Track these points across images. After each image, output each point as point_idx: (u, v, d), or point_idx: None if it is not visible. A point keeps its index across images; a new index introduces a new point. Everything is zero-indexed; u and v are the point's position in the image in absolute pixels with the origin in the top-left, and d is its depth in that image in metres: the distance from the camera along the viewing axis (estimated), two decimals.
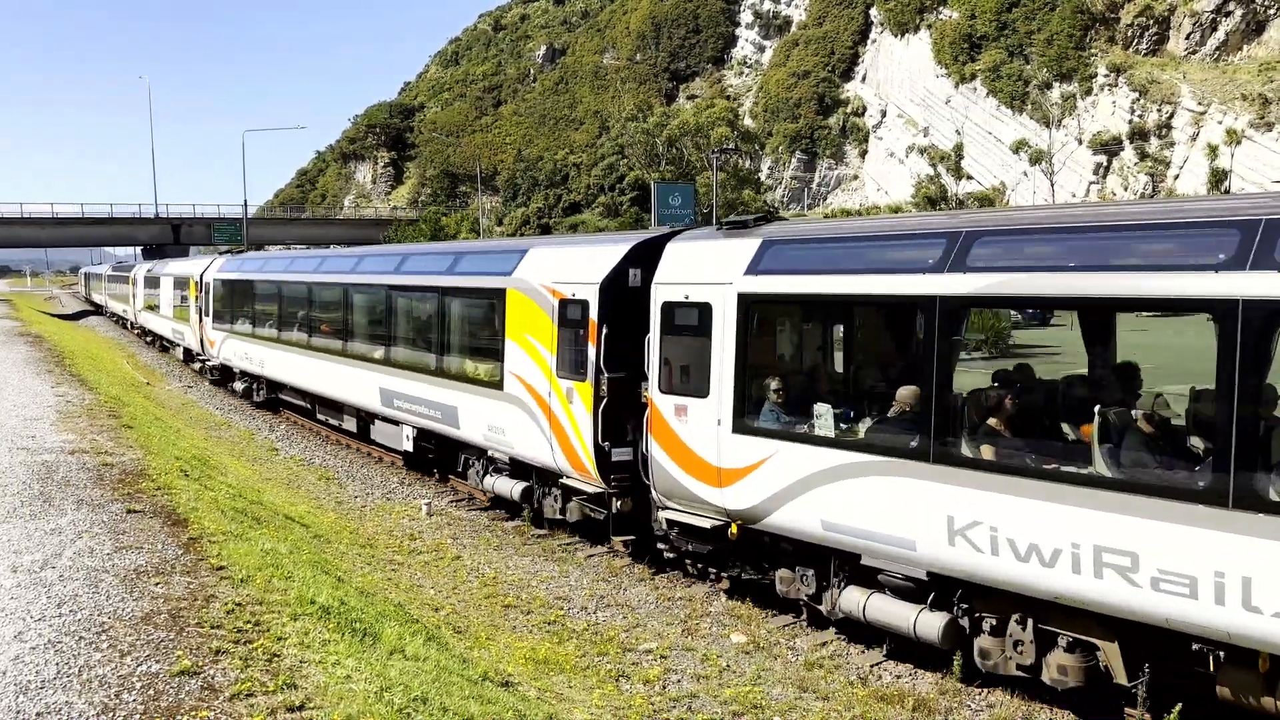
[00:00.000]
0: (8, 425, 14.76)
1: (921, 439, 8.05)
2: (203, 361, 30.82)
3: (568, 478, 12.41)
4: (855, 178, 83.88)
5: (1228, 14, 61.05)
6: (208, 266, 29.69)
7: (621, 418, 11.55)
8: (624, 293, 11.55)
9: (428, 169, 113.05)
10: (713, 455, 9.96)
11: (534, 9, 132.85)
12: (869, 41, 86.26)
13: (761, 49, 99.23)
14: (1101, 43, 66.15)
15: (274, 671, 5.97)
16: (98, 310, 76.44)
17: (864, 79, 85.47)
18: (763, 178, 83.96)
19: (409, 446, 16.66)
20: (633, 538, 12.18)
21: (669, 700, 8.30)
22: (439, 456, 16.51)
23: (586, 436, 11.64)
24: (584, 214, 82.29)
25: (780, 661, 9.27)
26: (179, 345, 35.44)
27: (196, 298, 30.47)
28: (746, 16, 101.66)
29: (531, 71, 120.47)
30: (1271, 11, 59.48)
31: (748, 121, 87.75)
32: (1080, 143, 64.11)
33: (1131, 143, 62.03)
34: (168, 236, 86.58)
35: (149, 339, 43.87)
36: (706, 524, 10.22)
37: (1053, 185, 62.99)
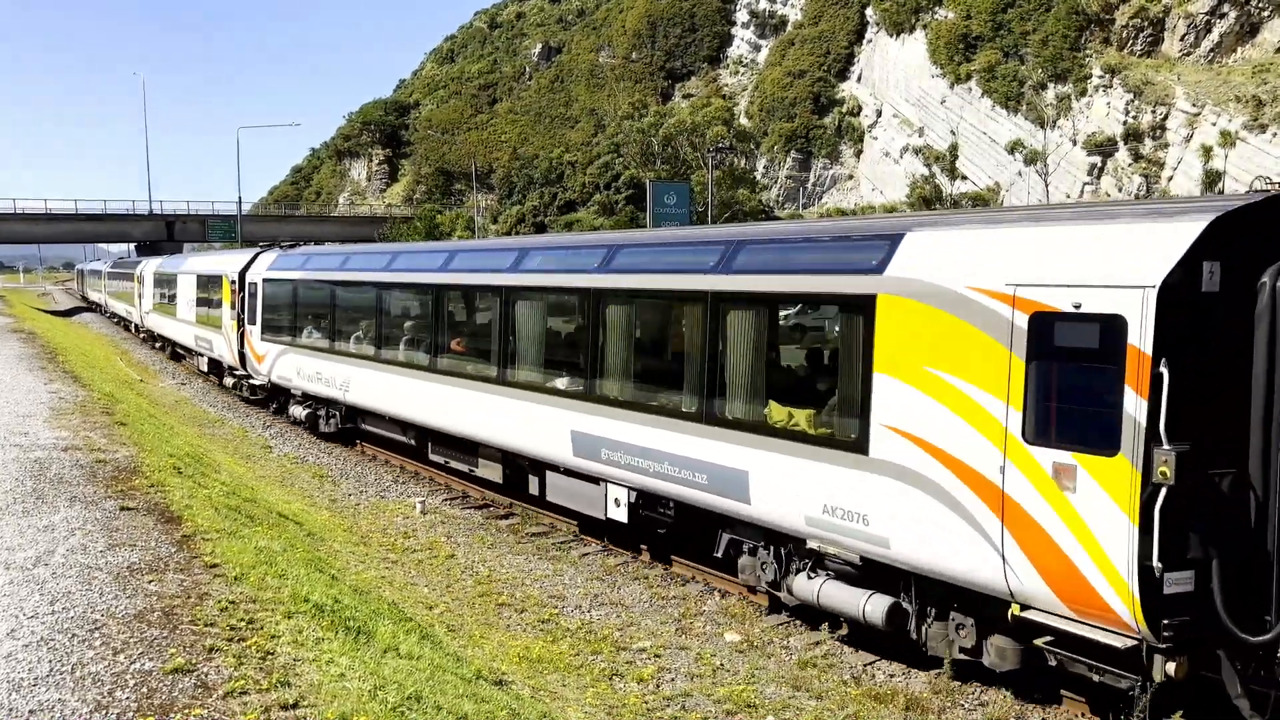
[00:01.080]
0: (0, 422, 14.72)
1: None
2: (239, 378, 25.90)
3: (1032, 608, 7.58)
4: (850, 177, 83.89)
5: (1222, 16, 61.17)
6: (250, 263, 24.61)
7: (1183, 522, 6.79)
8: (1195, 303, 6.83)
9: (423, 166, 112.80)
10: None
11: (530, 7, 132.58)
12: (864, 41, 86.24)
13: (757, 48, 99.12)
14: (1096, 44, 66.22)
15: (268, 669, 5.96)
16: (96, 310, 72.66)
17: (859, 79, 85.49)
18: (758, 177, 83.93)
19: (622, 515, 11.91)
20: None
21: (663, 699, 8.31)
22: (677, 532, 11.79)
23: (1117, 552, 6.84)
24: (579, 212, 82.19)
25: (774, 660, 9.28)
26: (203, 355, 29.91)
27: (233, 301, 25.13)
28: (742, 16, 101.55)
29: (527, 69, 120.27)
30: (1266, 14, 59.62)
31: (743, 121, 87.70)
32: (1075, 143, 64.17)
33: (1126, 144, 62.11)
34: (161, 233, 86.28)
35: (158, 344, 39.92)
36: None
37: (1047, 186, 63.08)
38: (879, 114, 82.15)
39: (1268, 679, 6.72)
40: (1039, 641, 7.67)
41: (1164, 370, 6.63)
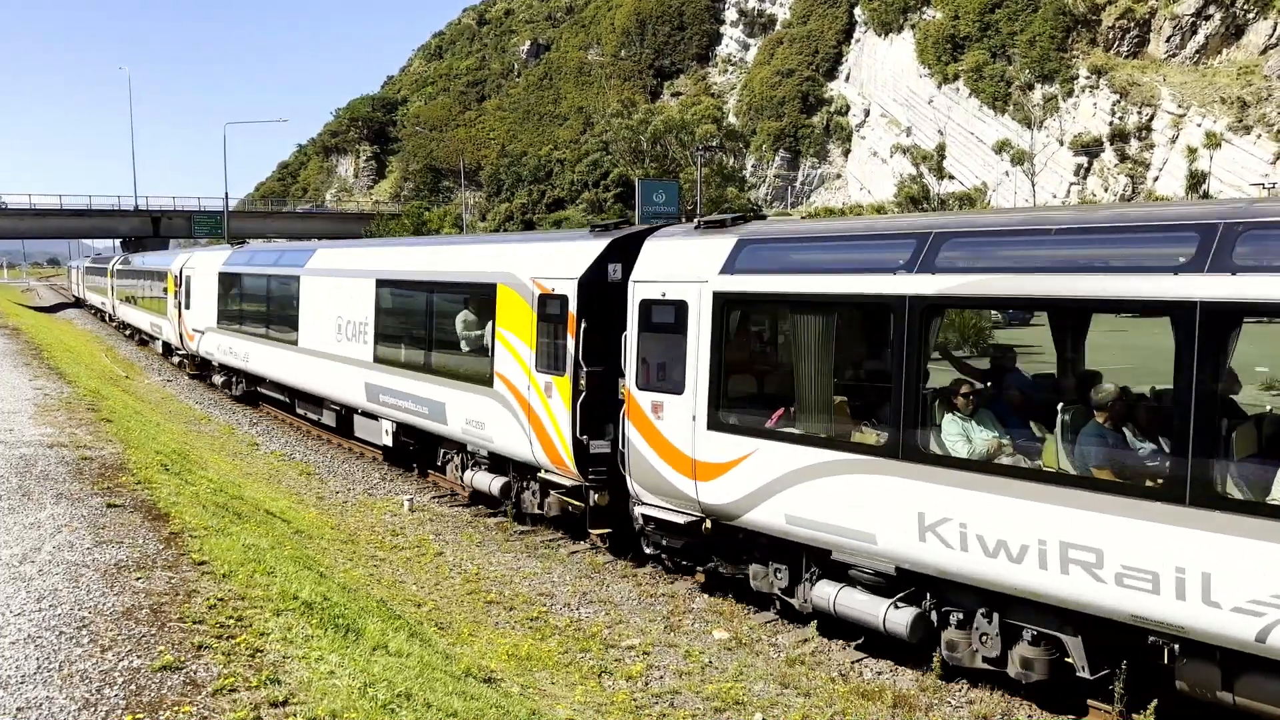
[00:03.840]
0: None
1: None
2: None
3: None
4: (838, 177, 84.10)
5: (1207, 18, 61.56)
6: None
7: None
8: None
9: (411, 163, 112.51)
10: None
11: (518, 4, 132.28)
12: (853, 41, 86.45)
13: (746, 47, 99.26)
14: (1083, 45, 66.55)
15: (257, 667, 5.95)
16: (99, 315, 59.44)
17: (848, 78, 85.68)
18: (747, 175, 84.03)
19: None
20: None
21: (651, 696, 8.33)
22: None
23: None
24: (568, 210, 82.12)
25: (762, 658, 9.31)
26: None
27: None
28: (731, 14, 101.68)
29: (515, 66, 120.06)
30: (1250, 16, 60.01)
31: (732, 119, 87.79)
32: (1061, 144, 64.49)
33: (1112, 144, 62.46)
34: (147, 229, 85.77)
35: (236, 383, 25.81)
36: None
37: (1034, 186, 63.38)
38: (867, 113, 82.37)
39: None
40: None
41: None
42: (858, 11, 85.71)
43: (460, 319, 14.61)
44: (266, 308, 22.50)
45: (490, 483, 14.12)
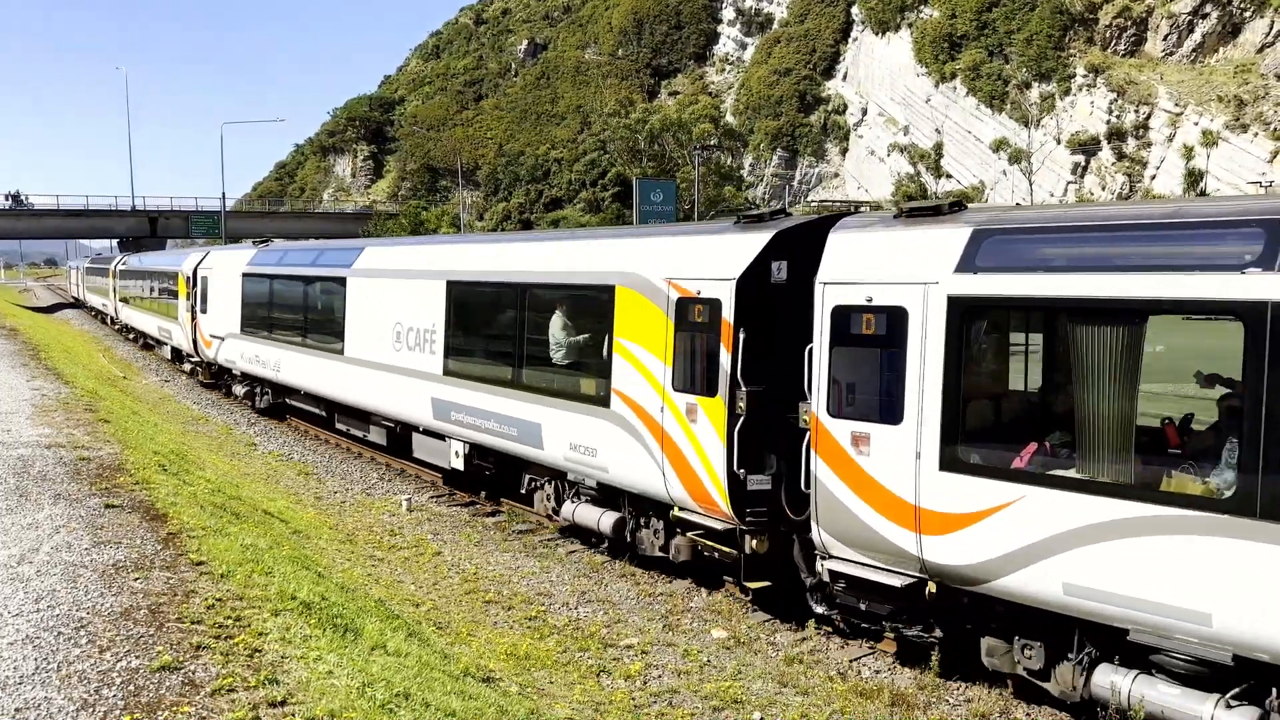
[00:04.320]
0: None
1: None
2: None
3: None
4: (836, 175, 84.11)
5: (1204, 16, 61.63)
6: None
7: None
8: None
9: (408, 163, 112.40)
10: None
11: (516, 3, 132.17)
12: (850, 40, 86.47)
13: (744, 46, 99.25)
14: (1080, 43, 66.61)
15: (255, 667, 5.95)
16: (99, 317, 56.39)
17: (845, 77, 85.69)
18: (744, 174, 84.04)
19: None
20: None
21: (650, 695, 8.33)
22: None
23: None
24: (566, 209, 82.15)
25: (760, 657, 9.31)
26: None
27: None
28: (728, 13, 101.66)
29: (513, 66, 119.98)
30: (1247, 14, 60.08)
31: (729, 118, 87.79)
32: (1059, 142, 64.54)
33: (1109, 143, 62.51)
34: (144, 229, 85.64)
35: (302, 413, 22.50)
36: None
37: (1031, 185, 63.42)
38: (864, 112, 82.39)
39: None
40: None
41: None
42: (855, 10, 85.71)
43: (562, 327, 12.39)
44: (303, 312, 20.31)
45: (600, 518, 11.95)
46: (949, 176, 71.60)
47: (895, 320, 8.20)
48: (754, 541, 9.85)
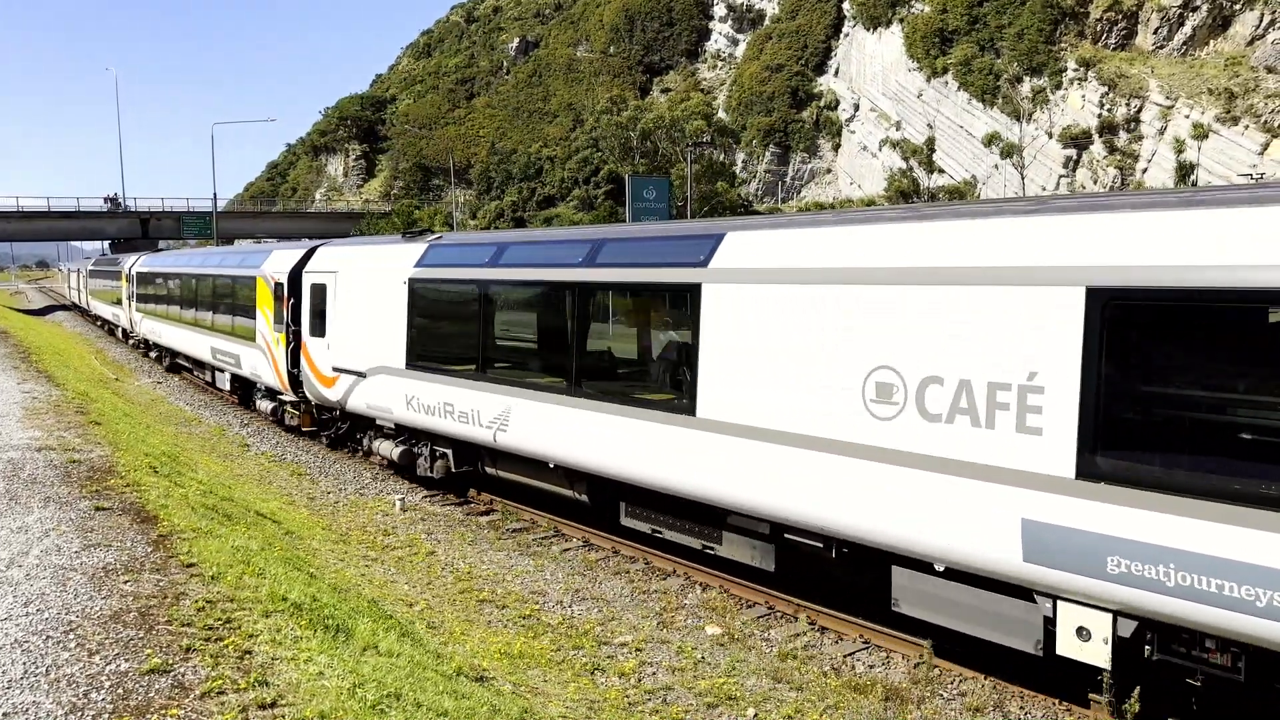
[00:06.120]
0: None
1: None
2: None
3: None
4: (829, 171, 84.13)
5: (1195, 9, 61.74)
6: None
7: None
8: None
9: (400, 162, 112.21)
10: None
11: (507, 1, 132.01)
12: (841, 35, 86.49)
13: (735, 42, 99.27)
14: (1071, 37, 66.70)
15: (245, 669, 5.93)
16: (104, 325, 50.50)
17: (837, 73, 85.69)
18: (737, 171, 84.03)
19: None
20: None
21: (644, 693, 8.32)
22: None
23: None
24: (559, 207, 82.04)
25: (755, 653, 9.31)
26: None
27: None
28: (720, 10, 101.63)
29: (504, 64, 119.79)
30: (1237, 8, 60.20)
31: (722, 115, 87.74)
32: (1050, 136, 64.63)
33: (1100, 136, 62.61)
34: (136, 230, 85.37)
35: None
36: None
37: (1023, 179, 63.51)
38: (856, 108, 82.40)
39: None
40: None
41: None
42: (846, 6, 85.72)
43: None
44: (573, 340, 11.98)
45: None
46: (941, 171, 71.66)
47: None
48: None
